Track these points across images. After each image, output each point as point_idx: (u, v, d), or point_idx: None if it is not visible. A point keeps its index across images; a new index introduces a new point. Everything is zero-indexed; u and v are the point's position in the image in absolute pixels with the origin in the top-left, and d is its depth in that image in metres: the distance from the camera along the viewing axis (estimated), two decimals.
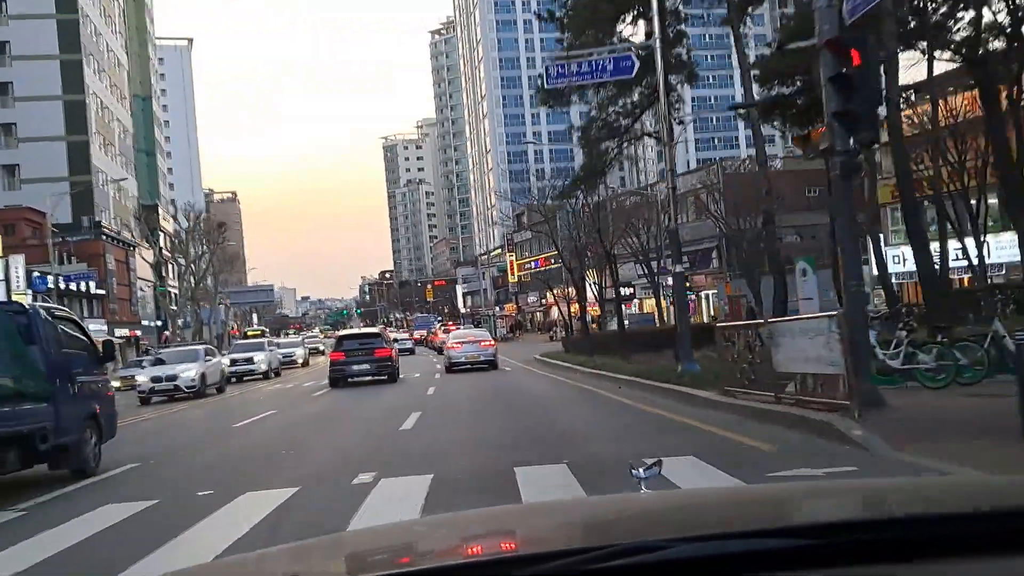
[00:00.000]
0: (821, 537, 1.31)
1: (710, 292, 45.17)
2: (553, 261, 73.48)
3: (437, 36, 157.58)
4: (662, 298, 42.37)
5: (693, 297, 45.45)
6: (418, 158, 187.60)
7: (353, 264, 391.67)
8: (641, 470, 2.42)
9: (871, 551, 1.27)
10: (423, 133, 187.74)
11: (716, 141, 71.84)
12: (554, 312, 74.16)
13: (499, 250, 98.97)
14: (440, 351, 42.07)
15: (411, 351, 50.06)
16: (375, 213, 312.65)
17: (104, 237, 52.29)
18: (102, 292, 49.31)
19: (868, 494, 1.90)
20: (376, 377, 25.76)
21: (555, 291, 47.18)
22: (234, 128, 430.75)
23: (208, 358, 28.64)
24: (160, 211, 76.55)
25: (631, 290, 54.86)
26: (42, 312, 10.42)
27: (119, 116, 78.14)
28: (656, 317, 44.85)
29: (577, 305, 43.04)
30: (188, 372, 26.32)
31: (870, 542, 1.29)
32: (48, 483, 9.79)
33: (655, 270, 41.21)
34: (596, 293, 51.82)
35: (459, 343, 30.10)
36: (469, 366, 28.38)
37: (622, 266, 50.74)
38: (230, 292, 69.38)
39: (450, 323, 69.33)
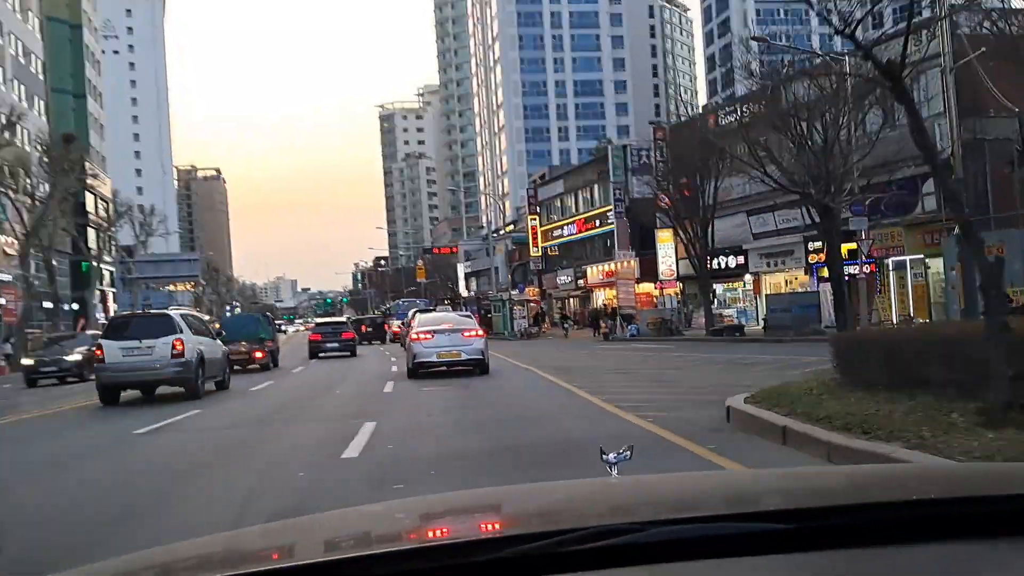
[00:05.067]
0: (793, 521, 1.31)
1: (910, 258, 25.74)
2: (598, 224, 53.52)
3: None
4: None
5: (865, 270, 25.72)
6: (418, 129, 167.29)
7: (353, 255, 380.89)
8: (612, 455, 2.33)
9: (841, 535, 1.28)
10: (424, 101, 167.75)
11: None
12: (598, 298, 54.28)
13: (511, 226, 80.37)
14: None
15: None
16: (376, 204, 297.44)
17: None
18: None
19: (840, 480, 1.95)
20: (341, 353, 34.47)
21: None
22: (230, 125, 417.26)
23: None
24: (88, 165, 58.61)
25: (741, 259, 35.10)
26: (267, 312, 47.15)
27: (16, 31, 59.81)
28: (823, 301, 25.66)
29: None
30: None
31: (841, 527, 1.30)
32: (270, 372, 26.67)
33: (838, 212, 21.71)
34: (696, 261, 32.75)
35: (429, 332, 20.60)
36: (444, 367, 20.06)
37: (724, 220, 31.46)
38: (134, 262, 50.13)
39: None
